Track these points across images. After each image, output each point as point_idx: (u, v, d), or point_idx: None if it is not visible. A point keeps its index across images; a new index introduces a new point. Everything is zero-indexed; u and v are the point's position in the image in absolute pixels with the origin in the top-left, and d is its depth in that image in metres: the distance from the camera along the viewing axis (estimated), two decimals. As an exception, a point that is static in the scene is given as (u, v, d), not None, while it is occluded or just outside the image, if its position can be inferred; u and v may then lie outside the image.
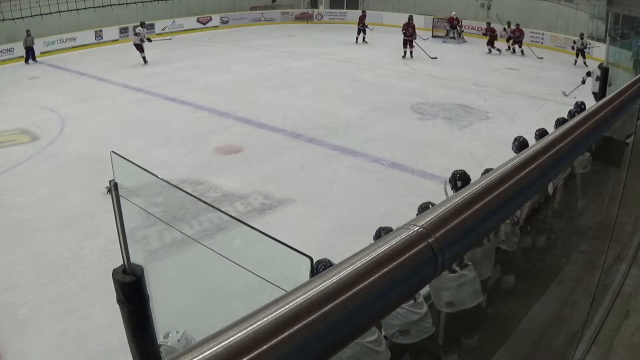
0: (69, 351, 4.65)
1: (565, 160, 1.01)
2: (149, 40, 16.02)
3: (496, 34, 18.51)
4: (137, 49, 15.86)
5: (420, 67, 16.01)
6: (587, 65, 15.57)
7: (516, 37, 18.32)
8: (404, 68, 15.97)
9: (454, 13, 20.58)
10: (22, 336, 4.83)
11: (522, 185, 0.83)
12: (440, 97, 12.61)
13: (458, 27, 20.45)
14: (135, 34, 16.22)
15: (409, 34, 17.19)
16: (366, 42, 19.89)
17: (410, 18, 17.61)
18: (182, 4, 22.08)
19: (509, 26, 18.68)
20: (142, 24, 16.49)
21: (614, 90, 1.44)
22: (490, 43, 18.36)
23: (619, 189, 2.39)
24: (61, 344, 4.74)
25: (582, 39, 16.85)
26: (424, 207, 3.72)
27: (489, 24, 19.41)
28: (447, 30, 20.60)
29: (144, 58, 15.84)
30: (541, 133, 5.25)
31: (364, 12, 21.08)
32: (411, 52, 17.38)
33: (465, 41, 20.44)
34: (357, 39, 20.04)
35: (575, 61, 16.75)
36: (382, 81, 14.21)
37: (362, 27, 20.00)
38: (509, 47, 18.44)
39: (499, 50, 18.14)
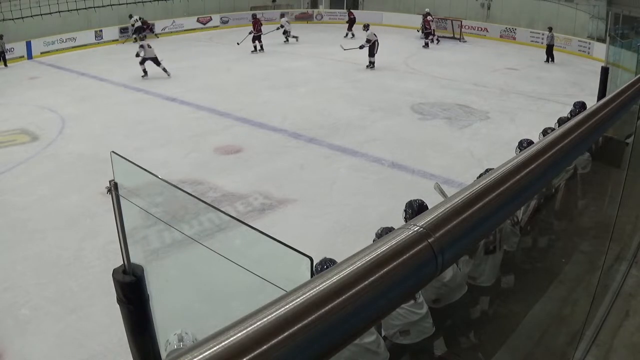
0: (69, 351, 4.65)
1: (565, 161, 1.01)
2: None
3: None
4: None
5: (420, 67, 16.00)
6: None
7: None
8: (403, 68, 15.96)
9: (427, 9, 20.21)
10: (22, 336, 4.83)
11: (522, 186, 0.83)
12: (440, 97, 12.61)
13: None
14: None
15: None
16: (263, 50, 18.00)
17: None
18: (182, 4, 22.07)
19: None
20: None
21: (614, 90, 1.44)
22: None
23: (619, 189, 2.39)
24: (61, 344, 4.74)
25: None
26: (413, 205, 3.70)
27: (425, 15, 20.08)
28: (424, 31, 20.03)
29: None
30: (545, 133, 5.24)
31: (255, 16, 19.14)
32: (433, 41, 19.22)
33: (466, 41, 20.40)
34: (255, 47, 17.91)
35: None
36: (382, 81, 14.20)
37: (257, 35, 17.84)
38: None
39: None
